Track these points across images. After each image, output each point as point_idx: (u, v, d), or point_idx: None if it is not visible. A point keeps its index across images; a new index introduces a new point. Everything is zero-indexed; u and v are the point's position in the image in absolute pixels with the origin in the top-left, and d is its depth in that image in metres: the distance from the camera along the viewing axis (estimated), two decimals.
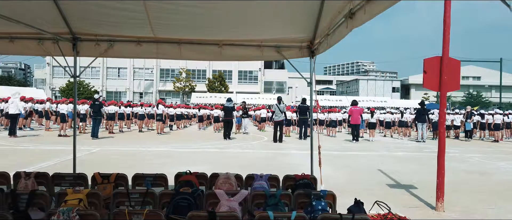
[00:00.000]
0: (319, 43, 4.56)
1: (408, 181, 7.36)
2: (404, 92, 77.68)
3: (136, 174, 4.48)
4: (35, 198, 3.48)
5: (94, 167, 8.07)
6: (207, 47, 4.89)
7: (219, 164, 9.30)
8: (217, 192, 3.69)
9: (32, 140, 13.97)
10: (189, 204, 3.58)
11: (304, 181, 4.53)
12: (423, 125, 16.97)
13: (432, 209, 5.43)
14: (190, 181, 4.46)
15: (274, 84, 64.85)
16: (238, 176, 4.62)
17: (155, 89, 60.36)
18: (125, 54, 4.94)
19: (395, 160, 10.76)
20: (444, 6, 5.29)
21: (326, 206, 3.73)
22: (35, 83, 62.81)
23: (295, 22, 4.46)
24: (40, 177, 4.38)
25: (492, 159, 11.21)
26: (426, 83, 5.40)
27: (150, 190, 3.69)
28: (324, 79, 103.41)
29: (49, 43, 4.75)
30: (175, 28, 4.54)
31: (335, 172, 8.33)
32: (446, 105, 5.51)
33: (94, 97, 15.78)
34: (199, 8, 4.02)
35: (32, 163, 8.66)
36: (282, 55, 5.02)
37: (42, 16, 4.24)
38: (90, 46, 4.81)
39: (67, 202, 3.37)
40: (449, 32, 5.30)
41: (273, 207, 3.65)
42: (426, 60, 5.41)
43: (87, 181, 4.43)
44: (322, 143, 15.92)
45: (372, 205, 4.11)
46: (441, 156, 5.36)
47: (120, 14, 4.19)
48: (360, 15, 2.81)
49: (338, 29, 3.60)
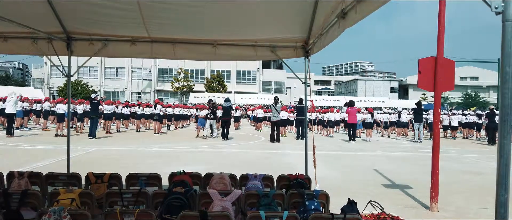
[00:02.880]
0: (313, 43, 4.56)
1: (404, 181, 7.38)
2: (402, 93, 77.85)
3: (130, 174, 4.48)
4: (27, 197, 3.48)
5: (90, 167, 8.06)
6: (201, 47, 4.89)
7: (216, 163, 9.30)
8: (210, 192, 3.68)
9: (29, 139, 13.94)
10: (182, 204, 3.58)
11: (298, 181, 4.53)
12: (420, 125, 17.00)
13: (427, 209, 5.44)
14: (184, 181, 4.46)
15: (273, 85, 64.90)
16: (232, 175, 4.62)
17: (153, 89, 60.31)
18: (120, 54, 4.93)
19: (391, 160, 10.78)
20: (439, 6, 5.30)
21: (319, 206, 3.73)
22: (33, 83, 62.72)
23: (290, 22, 4.46)
24: (33, 176, 4.37)
25: (489, 160, 11.24)
26: (420, 83, 5.40)
27: (143, 189, 3.68)
28: (323, 80, 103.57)
29: (43, 42, 4.74)
30: (169, 27, 4.53)
31: (331, 172, 8.34)
32: (440, 105, 5.52)
33: (91, 97, 15.74)
34: (193, 7, 4.02)
35: (28, 162, 8.64)
36: (276, 55, 5.02)
37: (36, 15, 4.23)
38: (84, 46, 4.80)
39: (60, 202, 3.36)
40: (443, 33, 5.32)
41: (266, 207, 3.65)
42: (420, 60, 5.42)
43: (80, 180, 4.42)
44: (319, 143, 15.90)
45: (365, 204, 4.13)
46: (436, 156, 5.37)
47: (114, 14, 4.19)
48: (352, 15, 2.81)
49: (331, 29, 3.60)
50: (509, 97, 1.56)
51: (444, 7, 5.30)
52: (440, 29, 5.31)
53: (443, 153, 12.20)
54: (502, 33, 1.60)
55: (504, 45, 1.57)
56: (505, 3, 1.54)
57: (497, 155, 1.78)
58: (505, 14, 1.58)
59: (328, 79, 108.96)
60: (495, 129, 17.35)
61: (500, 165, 1.71)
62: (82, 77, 56.25)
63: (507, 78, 1.56)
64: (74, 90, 50.10)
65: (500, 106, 1.60)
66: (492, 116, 17.18)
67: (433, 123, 5.57)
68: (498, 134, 1.67)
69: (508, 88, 1.56)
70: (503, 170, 1.71)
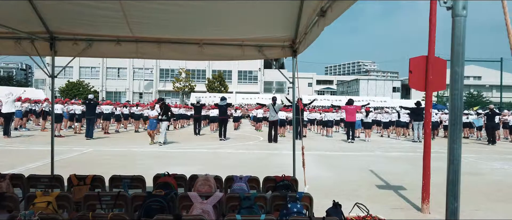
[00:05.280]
0: (299, 42, 4.48)
1: (398, 182, 7.28)
2: (405, 92, 77.48)
3: (113, 176, 4.41)
4: (4, 200, 3.42)
5: (84, 168, 8.04)
6: (187, 46, 4.82)
7: (211, 164, 9.23)
8: (190, 195, 3.62)
9: (25, 140, 13.92)
10: (161, 207, 3.51)
11: (284, 183, 4.46)
12: (420, 125, 16.87)
13: (418, 211, 5.35)
14: (168, 183, 4.40)
15: (274, 84, 64.81)
16: (218, 177, 4.55)
17: (155, 89, 60.37)
18: (105, 54, 4.87)
19: (388, 160, 10.67)
20: (430, 6, 5.21)
21: (301, 209, 3.65)
22: (36, 84, 62.90)
23: (277, 21, 4.38)
24: (15, 178, 4.32)
25: (487, 160, 11.11)
26: (411, 83, 5.32)
27: (122, 192, 3.61)
28: (325, 79, 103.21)
29: (27, 42, 4.69)
30: (153, 27, 4.46)
31: (326, 173, 8.26)
32: (431, 105, 5.43)
33: (89, 98, 15.71)
34: (177, 6, 3.94)
35: (23, 163, 8.61)
36: (264, 55, 4.94)
37: (17, 15, 4.18)
38: (68, 46, 4.74)
39: (36, 205, 3.30)
40: (435, 31, 5.23)
41: (248, 209, 3.57)
42: (412, 59, 5.33)
43: (63, 183, 4.36)
44: (317, 143, 15.82)
45: (352, 207, 4.04)
46: (427, 157, 5.28)
47: (96, 13, 4.13)
48: (329, 14, 2.74)
49: (313, 28, 3.53)
50: (458, 99, 1.46)
51: (436, 6, 5.21)
52: (432, 28, 5.22)
53: (441, 153, 12.09)
54: (452, 29, 1.50)
55: (453, 42, 1.47)
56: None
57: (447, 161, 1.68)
58: (454, 9, 1.49)
59: (330, 79, 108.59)
60: (495, 129, 17.21)
61: (449, 172, 1.62)
62: (83, 78, 56.42)
63: (457, 78, 1.46)
64: (76, 91, 50.22)
65: (450, 108, 1.50)
66: (492, 115, 17.02)
67: (424, 123, 5.48)
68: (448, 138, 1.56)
69: (458, 89, 1.46)
70: (453, 176, 1.61)
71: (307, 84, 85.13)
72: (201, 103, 19.77)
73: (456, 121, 1.46)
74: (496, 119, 17.77)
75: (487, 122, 17.25)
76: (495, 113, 17.64)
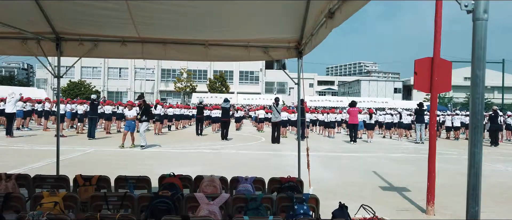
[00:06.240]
0: (305, 44, 4.48)
1: (402, 183, 7.27)
2: (406, 93, 77.37)
3: (119, 176, 4.41)
4: (10, 200, 3.42)
5: (86, 168, 8.04)
6: (192, 47, 4.82)
7: (213, 165, 9.23)
8: (197, 196, 3.61)
9: (28, 140, 13.93)
10: (168, 208, 3.51)
11: (289, 184, 4.45)
12: (422, 126, 16.85)
13: (423, 213, 5.34)
14: (174, 184, 4.39)
15: (276, 85, 64.77)
16: (223, 178, 4.55)
17: (156, 89, 60.41)
18: (110, 55, 4.87)
19: (391, 161, 10.66)
20: (435, 7, 5.20)
21: (308, 210, 3.65)
22: (37, 83, 63.01)
23: (283, 22, 4.38)
24: (21, 179, 4.32)
25: (490, 161, 11.08)
26: (416, 84, 5.31)
27: (129, 193, 3.61)
28: (326, 80, 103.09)
29: (33, 42, 4.69)
30: (159, 28, 4.47)
31: (329, 174, 8.25)
32: (436, 107, 5.41)
33: (91, 98, 15.74)
34: (183, 7, 3.94)
35: (26, 163, 8.61)
36: (269, 56, 4.94)
37: (23, 15, 4.18)
38: (74, 46, 4.74)
39: (43, 205, 3.30)
40: (440, 33, 5.21)
41: (254, 211, 3.57)
42: (417, 61, 5.32)
43: (68, 183, 4.36)
44: (320, 144, 15.80)
45: (358, 208, 4.04)
46: (432, 158, 5.27)
47: (103, 14, 4.13)
48: (338, 15, 2.73)
49: (320, 29, 3.53)
50: (479, 103, 1.46)
51: (441, 8, 5.20)
52: (437, 29, 5.21)
53: (444, 154, 12.09)
54: (472, 33, 1.50)
55: (474, 46, 1.47)
56: (475, 1, 1.45)
57: (467, 164, 1.68)
58: (475, 13, 1.48)
59: (332, 79, 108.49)
60: (498, 130, 17.16)
61: (470, 176, 1.61)
62: (85, 78, 56.47)
63: (478, 82, 1.46)
64: (78, 90, 50.28)
65: (471, 112, 1.50)
66: (495, 117, 16.97)
67: (429, 125, 5.47)
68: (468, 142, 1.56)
69: (479, 93, 1.46)
70: (474, 181, 1.61)
71: (309, 85, 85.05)
72: (203, 104, 19.83)
73: (477, 125, 1.45)
74: (499, 120, 17.75)
75: (491, 123, 17.18)
76: (498, 114, 17.59)
